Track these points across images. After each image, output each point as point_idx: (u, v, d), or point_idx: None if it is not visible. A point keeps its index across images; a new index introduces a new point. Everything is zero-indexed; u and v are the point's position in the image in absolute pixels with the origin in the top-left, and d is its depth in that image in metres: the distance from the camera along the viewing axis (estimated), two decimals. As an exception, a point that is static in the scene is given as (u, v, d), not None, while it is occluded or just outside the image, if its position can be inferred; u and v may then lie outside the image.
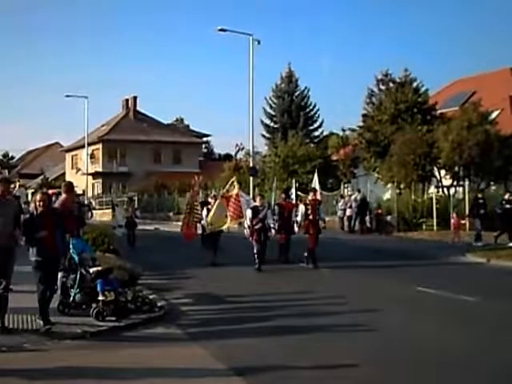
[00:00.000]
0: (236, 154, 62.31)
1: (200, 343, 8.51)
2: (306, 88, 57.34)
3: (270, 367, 7.26)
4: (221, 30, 37.95)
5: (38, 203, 9.17)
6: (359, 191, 33.41)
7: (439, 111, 40.53)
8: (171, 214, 48.37)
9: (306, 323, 9.82)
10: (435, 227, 30.57)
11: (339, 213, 32.78)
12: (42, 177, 74.62)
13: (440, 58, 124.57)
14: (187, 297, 12.47)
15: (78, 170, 67.33)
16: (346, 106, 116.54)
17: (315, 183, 29.52)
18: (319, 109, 57.53)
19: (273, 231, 17.01)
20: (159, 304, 10.99)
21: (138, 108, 72.53)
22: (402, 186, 34.87)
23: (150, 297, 11.41)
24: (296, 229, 17.42)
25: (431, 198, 32.33)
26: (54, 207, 9.97)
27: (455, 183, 34.98)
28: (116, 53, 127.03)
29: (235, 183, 17.88)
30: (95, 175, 65.88)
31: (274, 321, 10.02)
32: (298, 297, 12.30)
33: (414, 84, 40.38)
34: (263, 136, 57.30)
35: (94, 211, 41.84)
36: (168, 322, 9.93)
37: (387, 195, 36.10)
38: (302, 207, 17.47)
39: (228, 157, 69.90)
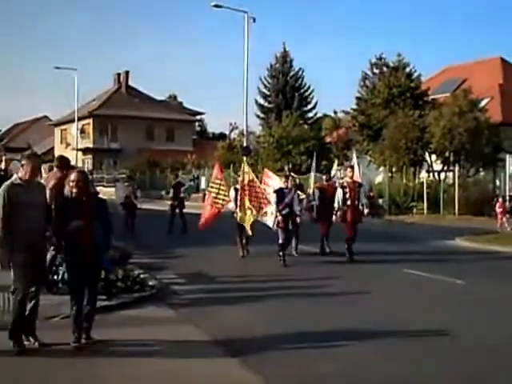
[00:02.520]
0: (230, 134, 62.23)
1: (192, 322, 8.63)
2: (300, 69, 57.26)
3: (262, 346, 7.41)
4: (215, 5, 37.67)
5: (72, 184, 7.15)
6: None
7: (431, 97, 40.76)
8: (163, 192, 48.35)
9: (296, 303, 10.03)
10: (425, 211, 30.91)
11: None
12: (29, 151, 73.46)
13: (432, 45, 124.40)
14: (179, 276, 12.57)
15: (68, 145, 66.63)
16: (339, 89, 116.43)
17: (355, 161, 22.57)
18: (314, 90, 57.52)
19: (298, 219, 14.40)
20: (150, 283, 11.03)
21: (129, 83, 71.63)
22: (393, 170, 35.17)
23: (141, 276, 11.33)
24: (334, 218, 14.90)
25: (422, 183, 32.67)
26: (96, 192, 8.32)
27: (446, 168, 35.31)
28: (107, 26, 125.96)
29: (246, 168, 15.18)
30: (85, 151, 64.93)
31: (265, 300, 10.19)
32: (289, 278, 12.46)
33: (407, 69, 40.56)
34: (257, 116, 57.25)
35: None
36: (159, 301, 10.01)
37: (379, 178, 36.38)
38: (339, 191, 14.75)
39: (222, 136, 69.71)
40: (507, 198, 29.06)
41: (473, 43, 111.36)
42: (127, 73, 71.59)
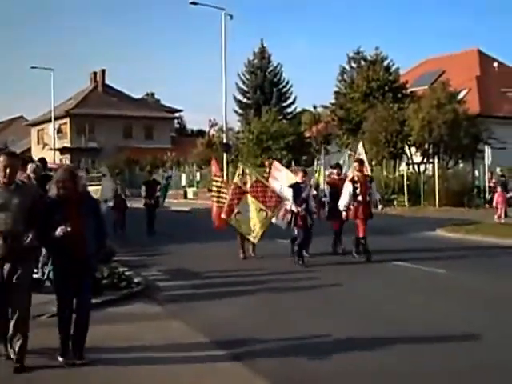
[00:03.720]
0: (209, 130, 62.15)
1: (180, 318, 8.60)
2: (278, 64, 57.32)
3: (250, 339, 7.41)
4: (192, 3, 37.56)
5: (59, 184, 6.36)
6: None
7: (409, 90, 41.00)
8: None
9: (282, 297, 10.03)
10: (406, 203, 31.12)
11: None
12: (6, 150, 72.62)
13: (409, 38, 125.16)
14: (164, 273, 12.54)
15: (45, 145, 66.05)
16: (318, 83, 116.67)
17: (362, 153, 21.62)
18: (292, 85, 57.62)
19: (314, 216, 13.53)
20: (136, 280, 10.98)
21: (106, 82, 71.16)
22: (373, 163, 35.31)
23: (127, 273, 11.30)
24: (344, 213, 13.89)
25: (402, 175, 32.88)
26: (87, 192, 7.07)
27: (425, 160, 35.55)
28: (82, 25, 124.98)
29: (246, 170, 14.03)
30: (63, 150, 64.34)
31: (250, 294, 10.19)
32: (274, 271, 12.44)
33: (385, 62, 40.70)
34: (236, 112, 57.31)
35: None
36: (146, 298, 9.98)
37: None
38: (349, 186, 13.69)
39: (201, 133, 69.60)
40: (486, 188, 29.39)
41: (450, 36, 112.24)
42: (103, 71, 71.07)
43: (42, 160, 12.71)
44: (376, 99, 38.32)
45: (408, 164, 36.31)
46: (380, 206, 14.36)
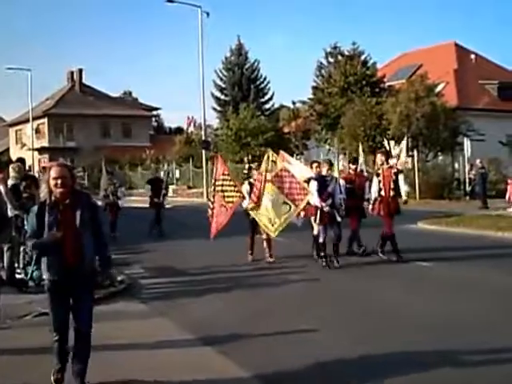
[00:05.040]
0: (188, 128, 61.95)
1: (165, 315, 8.56)
2: (256, 61, 57.25)
3: (235, 335, 7.39)
4: (169, 0, 37.38)
5: (53, 183, 5.43)
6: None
7: (387, 84, 41.20)
8: (123, 188, 47.72)
9: (267, 292, 10.06)
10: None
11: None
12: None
13: (386, 32, 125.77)
14: (147, 270, 12.49)
15: (24, 145, 65.74)
16: (296, 79, 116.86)
17: (402, 148, 19.56)
18: (270, 81, 57.60)
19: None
20: (119, 278, 10.90)
21: (83, 81, 70.93)
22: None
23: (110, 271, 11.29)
24: (370, 209, 13.15)
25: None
26: (84, 192, 6.17)
27: (405, 154, 35.71)
28: (59, 24, 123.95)
29: (272, 157, 12.71)
30: (41, 150, 64.03)
31: (234, 290, 10.19)
32: (258, 267, 12.45)
33: (362, 57, 40.84)
34: (214, 109, 57.13)
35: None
36: (130, 296, 9.93)
37: (340, 166, 36.56)
38: (375, 180, 12.97)
39: (179, 130, 69.33)
40: (466, 180, 29.60)
41: (427, 29, 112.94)
42: (80, 70, 70.78)
43: (21, 160, 12.64)
44: (354, 94, 38.46)
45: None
46: (404, 198, 13.24)
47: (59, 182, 5.38)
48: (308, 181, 12.51)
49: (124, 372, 6.23)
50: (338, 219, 12.19)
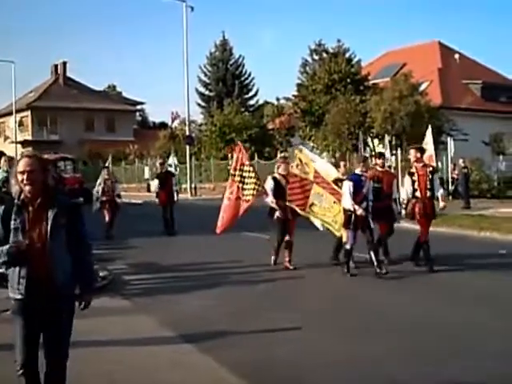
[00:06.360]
0: (172, 123, 61.85)
1: (146, 312, 8.55)
2: (240, 56, 57.25)
3: (217, 333, 7.40)
4: (153, -6, 37.34)
5: (20, 178, 4.37)
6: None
7: (371, 82, 41.31)
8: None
9: (249, 290, 10.07)
10: (370, 195, 31.31)
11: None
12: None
13: (371, 30, 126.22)
14: (130, 266, 12.43)
15: (7, 138, 65.34)
16: (280, 76, 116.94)
17: (429, 142, 18.21)
18: (254, 77, 57.64)
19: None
20: (102, 274, 10.82)
21: (67, 74, 70.44)
22: (336, 155, 35.50)
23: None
24: (403, 212, 11.81)
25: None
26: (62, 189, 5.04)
27: (388, 152, 35.84)
28: (43, 17, 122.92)
29: (302, 158, 12.06)
30: (24, 143, 63.32)
31: (218, 288, 10.17)
32: (241, 264, 12.38)
33: (347, 54, 40.92)
34: (198, 105, 57.12)
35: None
36: (113, 292, 9.85)
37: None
38: (407, 179, 11.47)
39: (163, 125, 69.17)
40: (450, 179, 29.72)
41: (411, 28, 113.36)
42: (65, 64, 70.25)
43: (1, 153, 12.59)
44: (338, 91, 38.53)
45: (371, 156, 36.58)
46: (441, 204, 11.69)
47: (25, 176, 4.33)
48: (338, 180, 11.65)
49: (105, 368, 6.22)
50: (372, 225, 10.99)
